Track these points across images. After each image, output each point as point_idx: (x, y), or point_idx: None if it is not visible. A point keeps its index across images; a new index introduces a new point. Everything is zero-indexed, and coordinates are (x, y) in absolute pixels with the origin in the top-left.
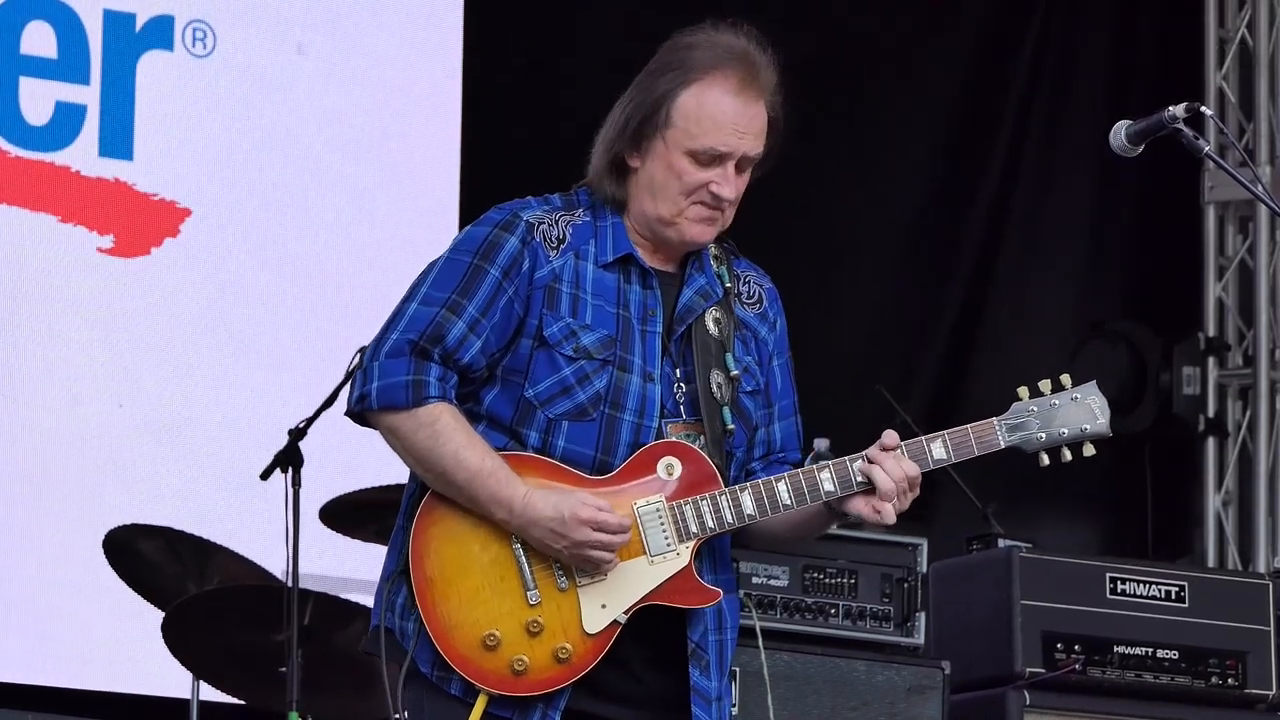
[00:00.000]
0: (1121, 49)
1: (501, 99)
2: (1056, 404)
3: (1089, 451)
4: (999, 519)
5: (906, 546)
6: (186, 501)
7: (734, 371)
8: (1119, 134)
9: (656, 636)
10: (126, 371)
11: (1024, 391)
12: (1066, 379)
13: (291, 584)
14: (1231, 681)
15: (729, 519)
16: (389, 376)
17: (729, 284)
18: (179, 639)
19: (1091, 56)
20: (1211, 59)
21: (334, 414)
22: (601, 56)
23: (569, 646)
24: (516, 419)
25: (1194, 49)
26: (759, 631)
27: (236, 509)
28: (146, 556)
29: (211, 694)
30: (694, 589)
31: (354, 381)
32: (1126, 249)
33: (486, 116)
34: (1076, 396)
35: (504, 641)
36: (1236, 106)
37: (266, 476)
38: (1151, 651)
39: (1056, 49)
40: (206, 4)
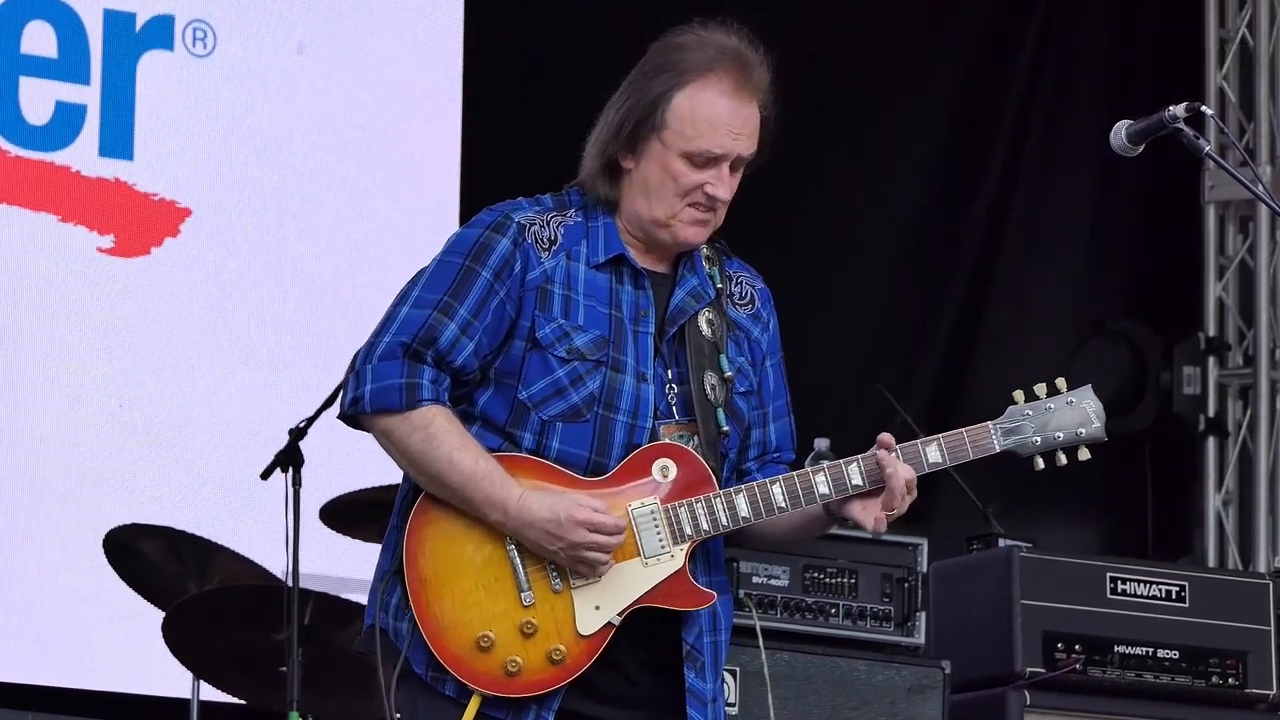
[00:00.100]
0: (1122, 49)
1: (501, 99)
2: (1052, 408)
3: (1084, 455)
4: (999, 519)
5: (907, 546)
6: (187, 501)
7: (728, 373)
8: (1119, 133)
9: (651, 638)
10: (126, 371)
11: (1019, 395)
12: (1062, 383)
13: (292, 584)
14: (1232, 681)
15: (724, 521)
16: (382, 379)
17: (721, 285)
18: (179, 639)
19: (1091, 56)
20: (1212, 58)
21: (335, 414)
22: (601, 56)
23: (563, 648)
24: (510, 421)
25: (1194, 48)
26: (759, 631)
27: (237, 509)
28: (147, 556)
29: (212, 694)
30: (688, 591)
31: (346, 385)
32: (1127, 249)
33: (486, 116)
34: (1072, 400)
35: (497, 642)
36: (1237, 106)
37: (267, 476)
38: (1152, 651)
39: (1056, 48)
40: (207, 4)
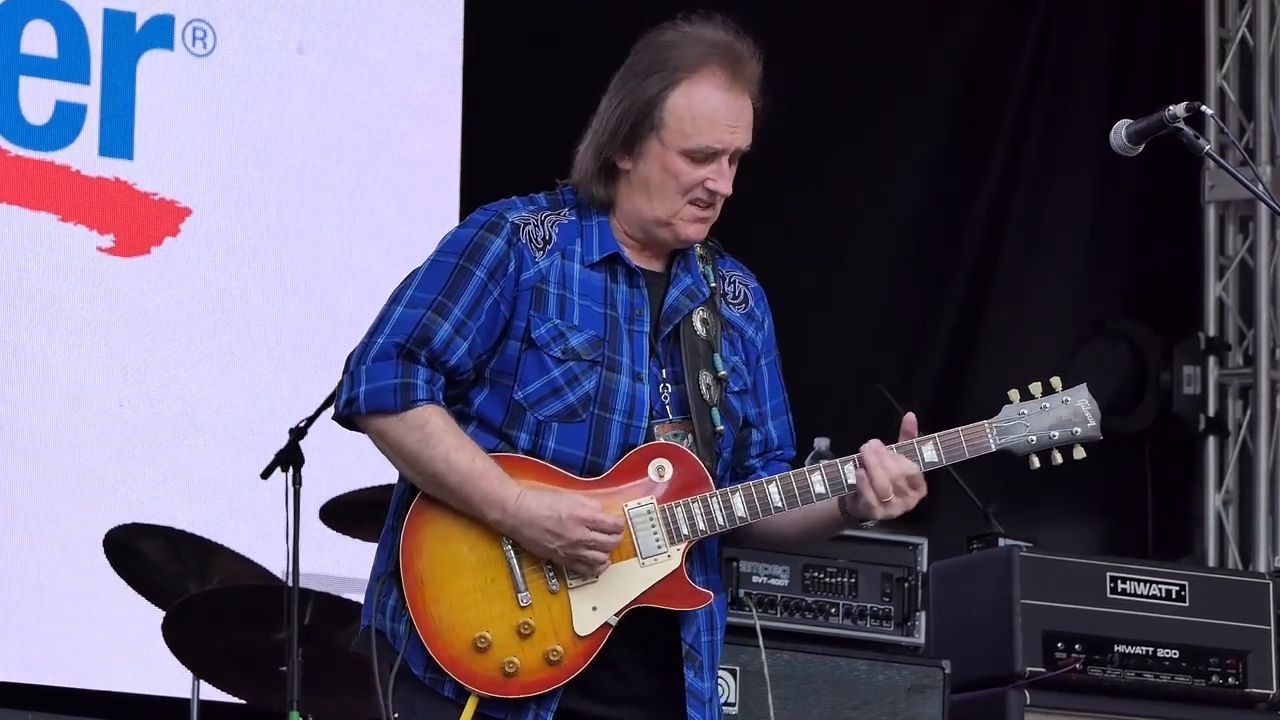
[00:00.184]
0: (1121, 49)
1: (501, 99)
2: (1047, 407)
3: (1079, 454)
4: (999, 518)
5: (907, 546)
6: (187, 501)
7: (721, 372)
8: (1119, 133)
9: (648, 638)
10: (126, 371)
11: (1015, 394)
12: (1057, 381)
13: (292, 583)
14: (1232, 681)
15: (720, 521)
16: (376, 380)
17: (714, 284)
18: (179, 639)
19: (1091, 56)
20: (1212, 58)
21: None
22: (601, 56)
23: (560, 649)
24: (507, 421)
25: (1194, 48)
26: (759, 631)
27: (237, 508)
28: (147, 556)
29: (212, 694)
30: (685, 591)
31: (341, 386)
32: (1127, 248)
33: (486, 116)
34: (1067, 399)
35: (495, 643)
36: (1237, 106)
37: (267, 476)
38: (1152, 651)
39: (1056, 49)
40: (207, 4)
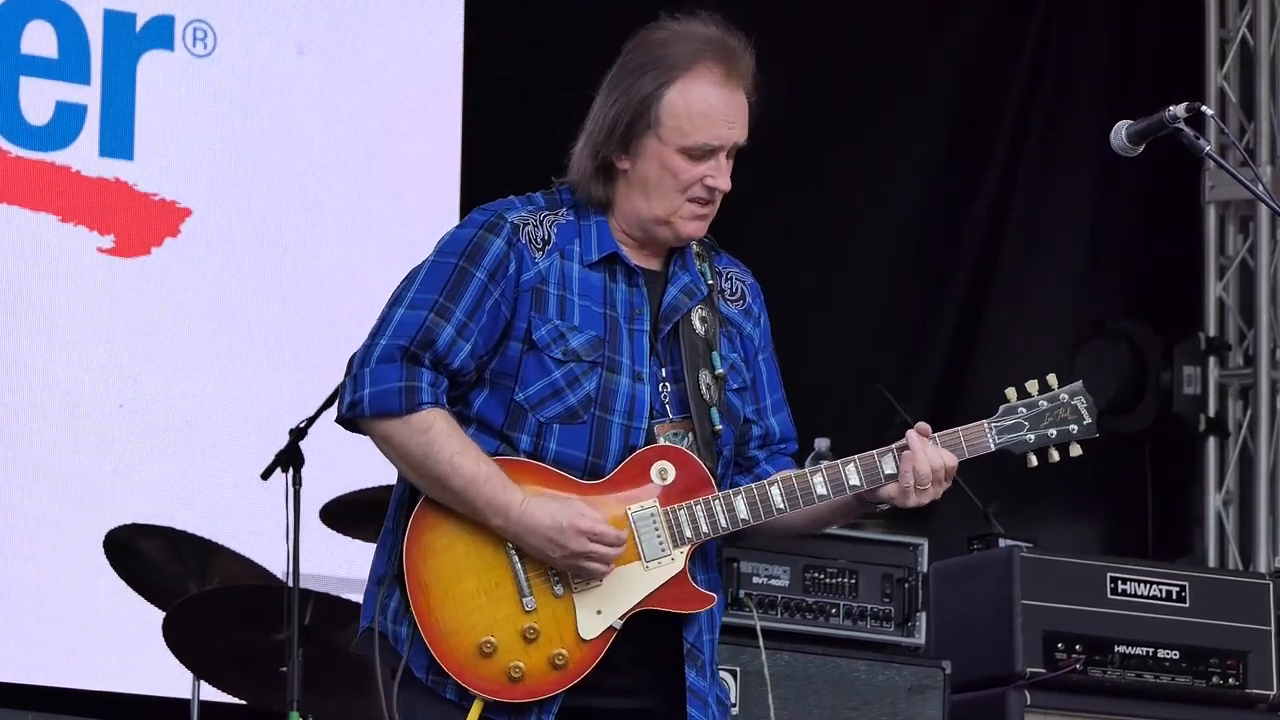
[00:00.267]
0: (1121, 49)
1: (501, 99)
2: (1044, 405)
3: (1075, 452)
4: (999, 518)
5: (907, 546)
6: (187, 501)
7: (719, 370)
8: (1119, 133)
9: (649, 638)
10: (127, 371)
11: (1012, 393)
12: (1053, 379)
13: (292, 584)
14: (1232, 681)
15: (723, 523)
16: (381, 383)
17: (711, 281)
18: (179, 639)
19: (1091, 56)
20: (1212, 58)
21: (335, 414)
22: (602, 56)
23: (565, 653)
24: (507, 423)
25: (1194, 49)
26: (759, 631)
27: (237, 509)
28: (147, 556)
29: (212, 694)
30: (689, 594)
31: (343, 388)
32: (1126, 249)
33: (486, 116)
34: (1064, 397)
35: (500, 648)
36: (1237, 106)
37: (267, 476)
38: (1152, 651)
39: (1056, 49)
40: (207, 4)
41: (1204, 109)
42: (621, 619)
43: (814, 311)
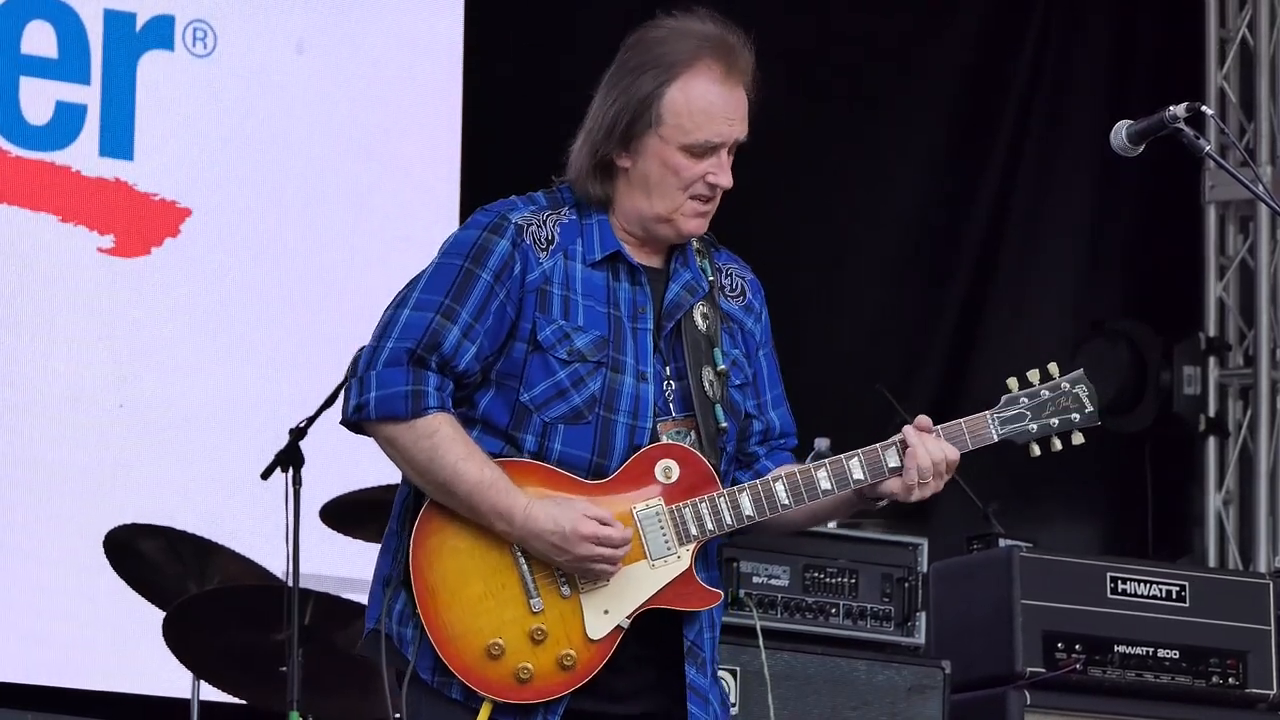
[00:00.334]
0: (1121, 49)
1: (501, 99)
2: (1046, 395)
3: (1078, 440)
4: (999, 518)
5: (907, 546)
6: (187, 501)
7: (721, 366)
8: (1119, 133)
9: (651, 636)
10: (126, 371)
11: (1013, 383)
12: (1054, 368)
13: (292, 584)
14: (1232, 681)
15: (728, 521)
16: (387, 386)
17: (712, 277)
18: (179, 639)
19: (1091, 56)
20: (1212, 58)
21: (335, 414)
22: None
23: (573, 653)
24: (512, 423)
25: (1194, 49)
26: (759, 631)
27: (237, 509)
28: (147, 556)
29: (212, 694)
30: (696, 592)
31: (349, 390)
32: (1126, 249)
33: (486, 116)
34: (1065, 386)
35: (508, 650)
36: (1237, 106)
37: (267, 476)
38: (1152, 651)
39: (1056, 49)
40: (207, 4)
41: (1204, 109)
42: (629, 618)
43: (814, 311)
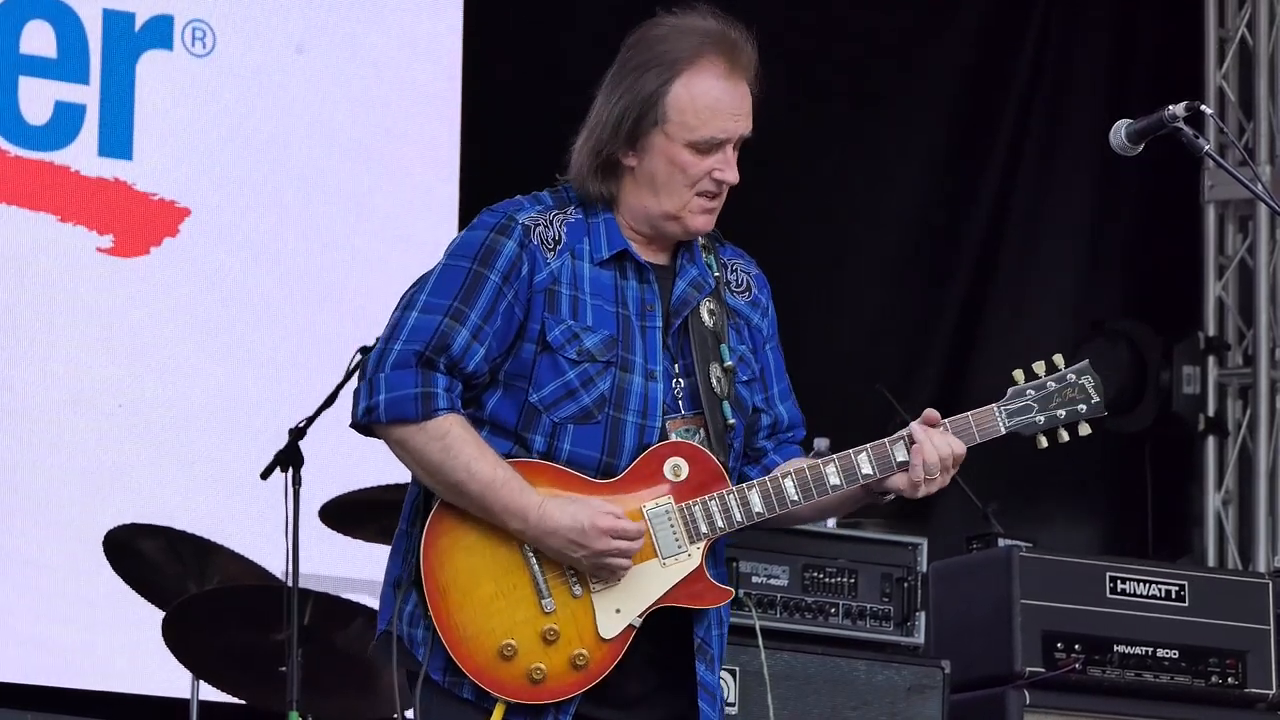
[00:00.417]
0: (1121, 48)
1: (501, 99)
2: (1052, 386)
3: (1085, 431)
4: (999, 518)
5: (906, 546)
6: (186, 501)
7: (728, 363)
8: (1119, 133)
9: (659, 635)
10: (126, 371)
11: (1019, 375)
12: (1059, 360)
13: (291, 584)
14: (1231, 681)
15: (738, 518)
16: (397, 389)
17: (718, 273)
18: (179, 639)
19: (1091, 56)
20: (1211, 58)
21: (334, 414)
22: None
23: (585, 653)
24: (521, 424)
25: (1194, 48)
26: (759, 631)
27: (236, 509)
28: (147, 556)
29: (212, 694)
30: (707, 589)
31: (358, 393)
32: (1126, 248)
33: (486, 116)
34: (1071, 377)
35: (521, 651)
36: (1236, 105)
37: (267, 476)
38: (1152, 651)
39: (1056, 48)
40: (206, 4)
41: (1203, 108)
42: (640, 617)
43: (814, 311)
